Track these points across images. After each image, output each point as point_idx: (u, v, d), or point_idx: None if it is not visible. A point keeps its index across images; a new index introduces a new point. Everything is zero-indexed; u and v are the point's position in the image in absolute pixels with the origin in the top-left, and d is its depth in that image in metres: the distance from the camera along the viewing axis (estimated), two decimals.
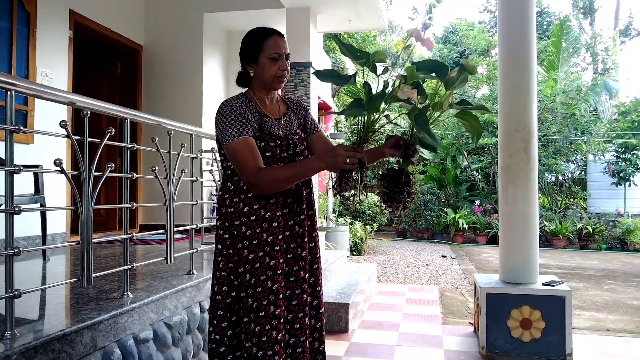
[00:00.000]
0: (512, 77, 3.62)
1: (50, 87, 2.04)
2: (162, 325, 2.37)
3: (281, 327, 1.77)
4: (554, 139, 12.22)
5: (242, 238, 1.78)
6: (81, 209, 2.00)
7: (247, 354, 1.73)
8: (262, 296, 1.74)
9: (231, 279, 1.81)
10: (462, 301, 5.36)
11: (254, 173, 1.69)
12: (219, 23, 6.86)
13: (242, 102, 1.83)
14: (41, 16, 4.80)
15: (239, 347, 1.81)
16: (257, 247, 1.77)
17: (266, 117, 1.84)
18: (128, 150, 2.36)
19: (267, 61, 1.80)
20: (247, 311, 1.75)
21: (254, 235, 1.78)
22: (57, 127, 1.96)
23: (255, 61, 1.83)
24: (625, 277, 7.22)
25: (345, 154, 1.57)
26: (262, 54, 1.81)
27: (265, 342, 1.72)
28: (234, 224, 1.80)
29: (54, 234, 4.71)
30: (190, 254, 2.89)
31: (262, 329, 1.72)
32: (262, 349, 1.72)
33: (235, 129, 1.74)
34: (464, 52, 19.52)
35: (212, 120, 6.57)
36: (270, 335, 1.73)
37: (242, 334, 1.77)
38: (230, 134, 1.74)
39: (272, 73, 1.82)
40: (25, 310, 2.10)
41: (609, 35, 21.04)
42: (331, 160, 1.60)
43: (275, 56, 1.80)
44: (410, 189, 1.72)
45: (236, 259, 1.79)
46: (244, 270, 1.77)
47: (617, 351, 3.53)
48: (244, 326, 1.75)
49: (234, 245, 1.80)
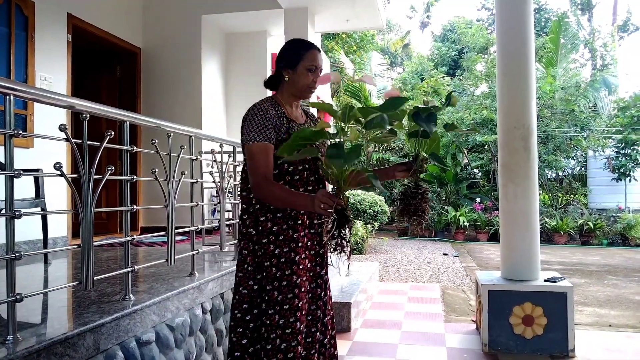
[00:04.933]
0: (510, 75, 3.63)
1: (49, 91, 2.04)
2: (164, 327, 2.38)
3: (303, 320, 1.89)
4: (553, 136, 12.21)
5: (268, 233, 1.89)
6: (82, 212, 2.00)
7: (270, 346, 1.82)
8: (287, 290, 1.85)
9: (256, 273, 1.91)
10: (464, 299, 5.36)
11: (262, 179, 1.81)
12: (217, 25, 6.86)
13: (272, 107, 1.93)
14: (39, 20, 4.81)
15: (259, 340, 1.89)
16: (282, 243, 1.88)
17: (293, 122, 1.97)
18: (128, 152, 2.36)
19: (304, 71, 1.95)
20: (272, 304, 1.85)
21: (279, 231, 1.89)
22: (57, 131, 1.96)
23: (293, 68, 1.96)
24: (626, 272, 7.22)
25: (322, 200, 1.63)
26: (301, 63, 1.95)
27: (289, 334, 1.83)
28: (259, 220, 1.91)
29: (55, 237, 4.71)
30: (191, 255, 2.89)
31: (286, 321, 1.84)
32: (286, 341, 1.82)
33: (260, 132, 1.85)
34: (462, 50, 19.51)
35: (211, 121, 6.61)
36: (294, 327, 1.84)
37: (265, 327, 1.85)
38: (253, 135, 1.85)
39: (307, 82, 1.96)
40: (28, 314, 2.10)
41: (607, 31, 21.03)
42: (312, 203, 1.68)
43: (312, 68, 1.95)
44: (426, 205, 1.84)
45: (261, 253, 1.90)
46: (270, 264, 1.87)
47: (620, 347, 3.53)
48: (269, 318, 1.85)
49: (260, 240, 1.90)
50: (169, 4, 6.62)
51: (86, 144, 2.04)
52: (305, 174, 1.94)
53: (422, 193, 1.84)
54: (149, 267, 3.15)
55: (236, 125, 7.09)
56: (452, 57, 20.79)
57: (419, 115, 1.73)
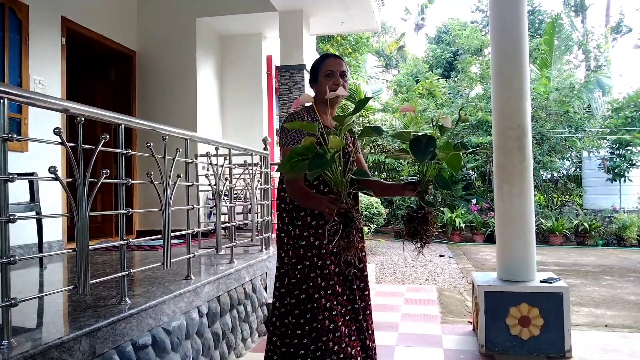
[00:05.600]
0: (504, 76, 3.64)
1: (43, 94, 2.03)
2: (160, 330, 2.37)
3: (346, 322, 2.08)
4: (548, 137, 12.26)
5: (308, 227, 2.10)
6: (77, 216, 1.99)
7: (324, 347, 1.99)
8: (328, 277, 2.05)
9: (297, 264, 2.09)
10: (461, 300, 5.37)
11: (290, 181, 2.02)
12: (212, 27, 6.86)
13: (308, 114, 2.12)
14: (33, 24, 4.79)
15: (304, 326, 2.06)
16: (322, 235, 2.06)
17: (327, 128, 2.04)
18: (123, 156, 2.36)
19: (323, 78, 2.15)
20: (320, 310, 2.02)
21: (318, 225, 2.08)
22: (52, 134, 1.95)
23: (315, 81, 2.20)
24: (622, 272, 7.25)
25: (326, 205, 1.76)
26: (320, 74, 2.17)
27: (338, 337, 2.01)
28: (299, 215, 2.10)
29: (50, 241, 4.69)
30: (187, 258, 2.88)
31: (335, 325, 2.01)
32: (337, 343, 2.00)
33: (293, 137, 2.06)
34: (457, 51, 19.57)
35: (207, 124, 6.61)
36: (342, 332, 2.02)
37: (315, 331, 2.02)
38: (288, 139, 2.07)
39: (327, 87, 2.12)
40: (23, 318, 2.09)
41: (601, 33, 21.15)
42: (321, 206, 1.85)
43: (329, 73, 2.14)
44: (428, 227, 1.87)
45: (299, 245, 2.09)
46: (312, 255, 2.07)
47: (616, 346, 3.54)
48: (318, 324, 2.02)
49: (301, 233, 2.09)
50: (163, 7, 6.62)
51: (81, 148, 2.03)
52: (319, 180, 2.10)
53: (424, 215, 1.86)
54: (144, 271, 3.14)
55: (232, 128, 7.10)
56: (446, 59, 20.85)
57: (418, 142, 1.75)
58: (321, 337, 1.99)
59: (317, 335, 2.00)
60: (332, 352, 1.98)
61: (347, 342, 2.04)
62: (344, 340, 2.02)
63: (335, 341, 1.99)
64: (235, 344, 3.29)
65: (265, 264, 3.98)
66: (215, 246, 3.33)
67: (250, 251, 4.20)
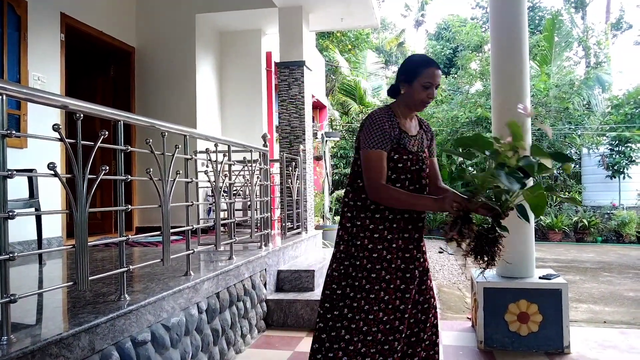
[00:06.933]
0: (504, 73, 3.63)
1: (42, 90, 2.02)
2: (159, 327, 2.37)
3: (389, 312, 2.05)
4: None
5: (364, 229, 2.07)
6: (76, 212, 2.00)
7: (370, 337, 2.00)
8: (375, 281, 2.03)
9: (351, 264, 2.08)
10: (460, 296, 5.38)
11: (379, 183, 1.99)
12: (211, 23, 6.84)
13: (388, 117, 2.07)
14: (32, 20, 4.78)
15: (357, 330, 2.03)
16: (377, 240, 2.05)
17: (405, 133, 2.10)
18: (122, 152, 2.36)
19: (419, 87, 2.05)
20: (360, 290, 2.03)
21: (376, 230, 2.06)
22: (51, 131, 1.95)
23: (409, 83, 2.07)
24: (621, 269, 7.26)
25: (456, 200, 1.86)
26: (417, 80, 2.04)
27: (389, 329, 2.02)
28: (360, 217, 2.08)
29: (50, 238, 4.69)
30: (186, 255, 2.89)
31: (389, 318, 2.02)
32: (386, 335, 2.01)
33: (377, 140, 2.02)
34: (457, 48, 19.54)
35: (206, 120, 6.60)
36: (394, 326, 2.04)
37: (366, 322, 2.01)
38: (371, 142, 2.02)
39: (421, 98, 2.06)
40: (22, 315, 2.09)
41: (601, 29, 21.13)
42: (442, 204, 1.91)
43: (428, 85, 2.04)
44: (497, 250, 1.87)
45: (357, 246, 2.08)
46: (363, 256, 2.05)
47: (614, 342, 3.55)
48: (358, 301, 2.02)
49: (357, 234, 2.07)
50: (162, 3, 6.60)
51: (80, 144, 2.03)
52: (407, 182, 2.08)
53: (495, 238, 1.85)
54: (144, 267, 3.14)
55: (231, 124, 7.10)
56: (446, 55, 20.83)
57: (503, 167, 1.77)
58: (372, 328, 1.99)
59: (367, 324, 2.00)
60: (379, 342, 1.99)
61: (396, 337, 2.03)
62: (395, 335, 2.02)
63: (385, 332, 2.00)
64: (235, 340, 3.30)
65: (264, 260, 3.98)
66: (214, 242, 3.33)
67: (250, 248, 4.21)
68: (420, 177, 2.13)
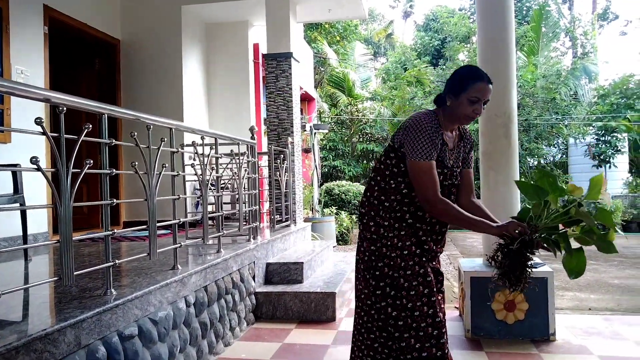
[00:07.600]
0: (491, 63, 3.64)
1: (23, 83, 1.99)
2: (147, 321, 2.37)
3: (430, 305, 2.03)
4: (535, 124, 12.34)
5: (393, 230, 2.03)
6: (60, 207, 1.98)
7: (422, 333, 1.98)
8: (412, 277, 2.00)
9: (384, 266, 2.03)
10: (448, 286, 5.43)
11: (434, 196, 1.93)
12: (197, 15, 6.78)
13: (436, 127, 1.98)
14: (14, 12, 4.69)
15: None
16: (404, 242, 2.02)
17: (445, 145, 2.04)
18: (106, 146, 2.34)
19: (466, 101, 1.96)
20: (419, 297, 2.00)
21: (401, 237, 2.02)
22: (34, 125, 1.93)
23: (456, 96, 1.98)
24: (606, 257, 7.36)
25: (520, 225, 1.85)
26: (465, 94, 1.96)
27: (439, 322, 1.99)
28: (384, 219, 2.04)
29: (36, 233, 4.64)
30: (174, 249, 2.88)
31: (434, 311, 2.00)
32: (438, 328, 1.99)
33: (427, 150, 1.94)
34: (445, 39, 19.55)
35: (193, 113, 6.55)
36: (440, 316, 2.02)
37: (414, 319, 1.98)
38: (421, 152, 1.93)
39: (466, 112, 1.98)
40: (7, 311, 2.07)
41: (588, 20, 21.27)
42: (502, 229, 1.87)
43: (475, 99, 1.96)
44: (528, 271, 1.86)
45: (386, 247, 2.03)
46: (396, 255, 2.01)
47: (599, 329, 3.60)
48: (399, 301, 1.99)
49: (385, 234, 2.03)
50: None
51: (63, 138, 2.01)
52: (442, 177, 2.02)
53: (526, 261, 1.86)
54: (131, 262, 3.13)
55: (218, 117, 7.05)
56: (435, 46, 20.84)
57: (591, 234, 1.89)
58: (420, 323, 1.98)
59: (415, 321, 1.98)
60: (431, 337, 1.98)
61: (444, 321, 2.04)
62: (443, 323, 2.02)
63: (436, 325, 1.98)
64: (224, 333, 3.30)
65: (253, 253, 3.98)
66: (202, 236, 3.32)
67: (238, 241, 4.20)
68: (450, 193, 2.08)
